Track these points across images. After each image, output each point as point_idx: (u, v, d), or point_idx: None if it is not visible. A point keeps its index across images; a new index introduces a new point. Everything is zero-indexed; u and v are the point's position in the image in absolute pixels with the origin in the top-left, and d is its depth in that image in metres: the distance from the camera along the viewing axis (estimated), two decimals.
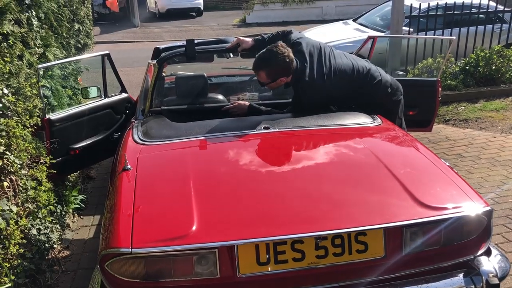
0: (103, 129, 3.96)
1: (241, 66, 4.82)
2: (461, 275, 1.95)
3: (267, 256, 1.81)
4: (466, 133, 5.59)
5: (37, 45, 3.68)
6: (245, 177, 2.19)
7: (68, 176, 4.16)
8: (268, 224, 1.86)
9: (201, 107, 3.29)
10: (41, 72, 3.34)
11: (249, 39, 3.24)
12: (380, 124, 2.75)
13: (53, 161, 3.36)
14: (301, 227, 1.84)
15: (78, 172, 4.45)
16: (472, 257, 1.99)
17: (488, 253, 2.03)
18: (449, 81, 6.83)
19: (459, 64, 7.10)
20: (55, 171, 3.41)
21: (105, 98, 4.05)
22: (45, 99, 3.63)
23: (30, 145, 3.11)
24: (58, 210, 3.62)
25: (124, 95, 4.20)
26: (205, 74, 3.49)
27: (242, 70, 4.77)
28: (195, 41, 3.31)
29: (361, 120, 2.78)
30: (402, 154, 2.43)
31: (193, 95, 3.44)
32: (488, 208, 1.96)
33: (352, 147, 2.50)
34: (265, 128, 2.63)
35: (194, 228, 1.79)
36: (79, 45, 5.53)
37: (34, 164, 3.26)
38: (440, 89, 4.31)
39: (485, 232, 1.99)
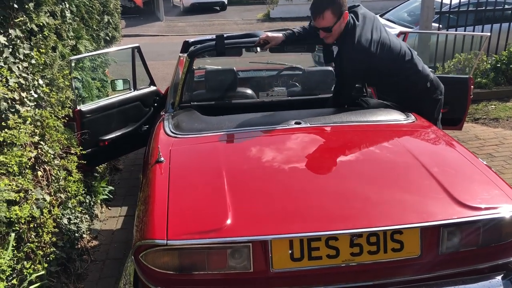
0: (132, 122, 4.00)
1: (268, 60, 4.79)
2: (499, 277, 1.90)
3: (300, 252, 1.79)
4: (496, 132, 5.46)
5: (70, 37, 3.72)
6: (277, 172, 2.17)
7: (97, 168, 4.21)
8: (302, 220, 1.84)
9: (231, 102, 3.29)
10: (73, 64, 3.37)
11: (279, 34, 3.20)
12: (414, 121, 2.70)
13: (83, 152, 3.40)
14: (336, 224, 1.81)
15: (106, 163, 4.51)
16: None
17: None
18: (479, 78, 6.67)
19: (490, 61, 6.93)
20: (84, 162, 3.46)
21: (134, 90, 4.09)
22: (76, 91, 3.67)
23: (62, 136, 3.16)
24: (87, 201, 3.68)
25: (152, 88, 4.23)
26: (234, 69, 3.48)
27: (270, 64, 4.74)
28: (225, 35, 3.30)
29: (394, 116, 2.73)
30: (438, 152, 2.38)
31: (222, 89, 3.44)
32: None
33: (386, 144, 2.45)
34: (296, 123, 2.61)
35: (228, 221, 1.79)
36: (108, 38, 5.57)
37: (65, 155, 3.31)
38: (472, 86, 4.22)
39: None
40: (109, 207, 4.10)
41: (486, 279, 1.89)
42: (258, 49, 3.72)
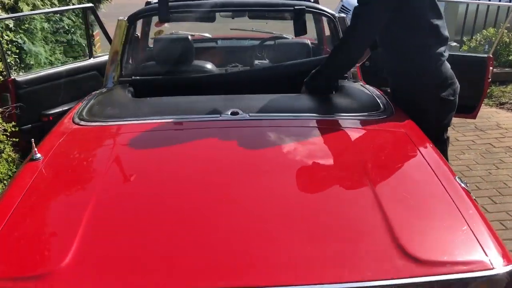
0: (86, 94, 3.51)
1: (253, 28, 4.16)
2: None
3: None
4: None
5: None
6: (169, 195, 1.55)
7: None
8: (167, 273, 1.28)
9: (177, 78, 2.71)
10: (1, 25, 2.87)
11: None
12: (389, 116, 2.07)
13: (14, 129, 2.96)
14: (222, 279, 1.25)
15: None
16: None
17: None
18: (511, 56, 5.81)
19: None
20: (19, 139, 3.03)
21: (90, 58, 3.58)
22: (15, 57, 3.19)
23: None
24: None
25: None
26: (189, 37, 2.87)
27: (254, 32, 4.12)
28: None
29: (362, 108, 2.11)
30: (400, 169, 1.74)
31: (173, 62, 2.85)
32: (510, 267, 1.29)
33: (336, 151, 1.84)
34: (232, 113, 2.03)
35: (62, 265, 1.25)
36: None
37: None
38: (491, 68, 3.51)
39: None
40: None
41: None
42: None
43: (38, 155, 1.75)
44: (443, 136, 2.36)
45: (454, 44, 5.88)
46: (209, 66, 2.96)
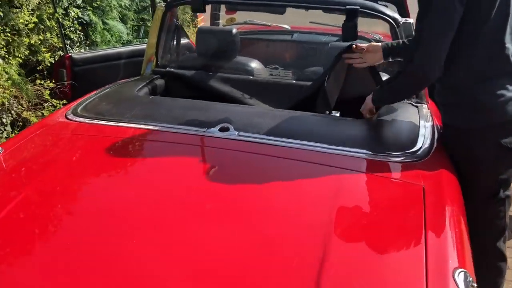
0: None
1: (336, 23, 3.71)
2: None
3: None
4: None
5: None
6: (96, 224, 1.30)
7: None
8: None
9: (208, 75, 2.46)
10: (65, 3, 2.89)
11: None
12: (419, 161, 1.57)
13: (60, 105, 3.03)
14: None
15: None
16: None
17: None
18: None
19: None
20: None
21: None
22: (79, 33, 3.22)
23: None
24: None
25: (184, 40, 3.57)
26: (234, 30, 2.58)
27: (332, 27, 3.67)
28: None
29: (395, 144, 1.63)
30: (379, 249, 1.21)
31: (211, 57, 2.60)
32: None
33: (311, 207, 1.36)
34: (221, 129, 1.72)
35: None
36: None
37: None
38: None
39: None
40: None
41: None
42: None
43: None
44: (500, 193, 1.76)
45: None
46: (253, 64, 2.64)
